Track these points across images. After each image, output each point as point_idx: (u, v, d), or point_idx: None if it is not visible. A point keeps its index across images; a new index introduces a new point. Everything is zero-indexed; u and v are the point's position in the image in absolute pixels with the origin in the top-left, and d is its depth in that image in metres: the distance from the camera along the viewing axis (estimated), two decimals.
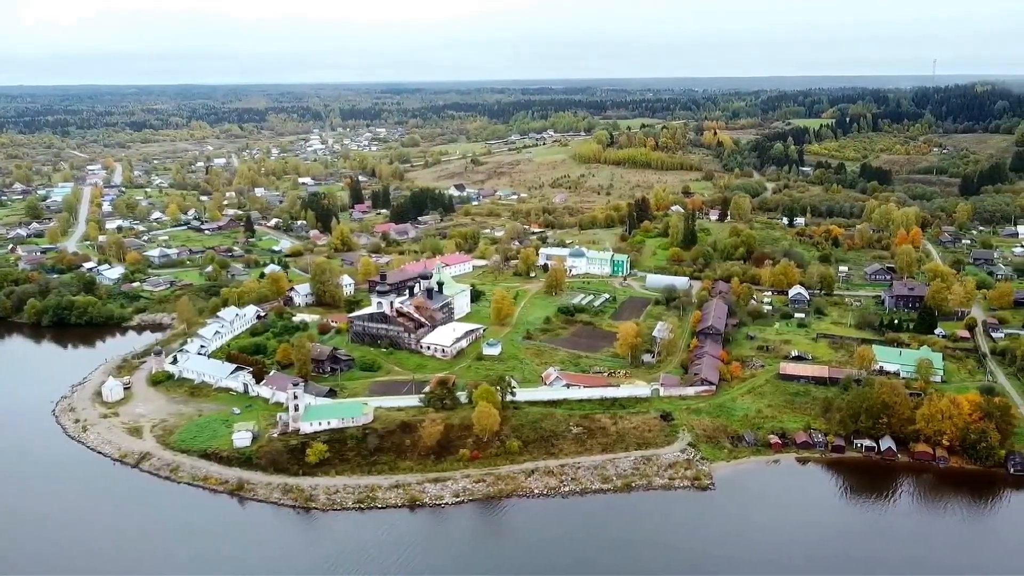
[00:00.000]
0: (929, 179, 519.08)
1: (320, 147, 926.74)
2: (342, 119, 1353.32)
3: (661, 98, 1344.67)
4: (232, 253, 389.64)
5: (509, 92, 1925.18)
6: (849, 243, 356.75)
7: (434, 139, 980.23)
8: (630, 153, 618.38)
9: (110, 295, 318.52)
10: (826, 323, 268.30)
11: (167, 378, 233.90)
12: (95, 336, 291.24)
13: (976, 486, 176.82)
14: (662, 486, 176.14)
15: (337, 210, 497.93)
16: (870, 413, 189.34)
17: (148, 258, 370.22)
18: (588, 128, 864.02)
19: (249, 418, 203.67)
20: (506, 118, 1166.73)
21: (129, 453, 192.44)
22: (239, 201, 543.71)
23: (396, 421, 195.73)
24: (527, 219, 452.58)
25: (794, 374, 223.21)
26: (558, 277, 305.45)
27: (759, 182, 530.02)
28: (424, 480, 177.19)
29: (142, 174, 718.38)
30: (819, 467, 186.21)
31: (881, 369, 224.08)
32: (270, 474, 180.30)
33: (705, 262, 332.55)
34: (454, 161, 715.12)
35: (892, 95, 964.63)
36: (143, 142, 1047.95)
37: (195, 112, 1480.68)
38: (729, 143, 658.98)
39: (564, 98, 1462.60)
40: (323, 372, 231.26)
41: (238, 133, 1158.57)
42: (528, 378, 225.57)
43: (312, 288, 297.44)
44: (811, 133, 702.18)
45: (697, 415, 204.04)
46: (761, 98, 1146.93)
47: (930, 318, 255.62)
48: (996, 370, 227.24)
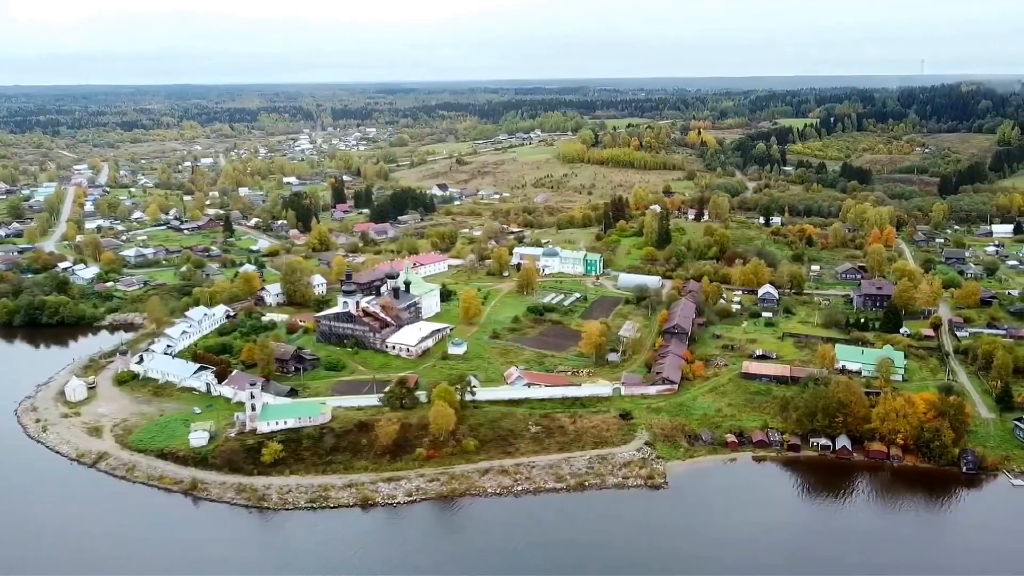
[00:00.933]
0: (910, 178, 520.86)
1: (308, 147, 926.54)
2: (333, 119, 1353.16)
3: (651, 98, 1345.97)
4: (209, 253, 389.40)
5: (503, 92, 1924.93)
6: (823, 242, 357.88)
7: (423, 139, 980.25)
8: (613, 153, 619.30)
9: (83, 295, 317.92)
10: (794, 322, 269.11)
11: (132, 378, 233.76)
12: (67, 336, 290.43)
13: (929, 484, 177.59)
14: (615, 485, 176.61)
15: (318, 210, 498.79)
16: (826, 412, 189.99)
17: (124, 258, 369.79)
18: (575, 128, 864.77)
19: (208, 418, 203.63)
20: (496, 118, 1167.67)
21: (87, 453, 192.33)
22: (222, 201, 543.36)
23: (354, 421, 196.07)
24: (506, 219, 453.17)
25: (756, 373, 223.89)
26: (529, 276, 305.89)
27: (740, 182, 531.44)
28: (378, 480, 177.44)
29: (128, 174, 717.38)
30: (775, 466, 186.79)
31: (843, 368, 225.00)
32: (225, 474, 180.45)
33: (678, 261, 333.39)
34: (440, 161, 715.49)
35: (878, 95, 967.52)
36: (132, 142, 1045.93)
37: (187, 112, 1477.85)
38: (713, 143, 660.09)
39: (555, 98, 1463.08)
40: (287, 372, 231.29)
41: (228, 133, 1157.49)
42: (491, 377, 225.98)
43: (283, 288, 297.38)
44: (795, 133, 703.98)
45: (657, 414, 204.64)
46: (750, 98, 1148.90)
47: (895, 317, 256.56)
48: (958, 369, 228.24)
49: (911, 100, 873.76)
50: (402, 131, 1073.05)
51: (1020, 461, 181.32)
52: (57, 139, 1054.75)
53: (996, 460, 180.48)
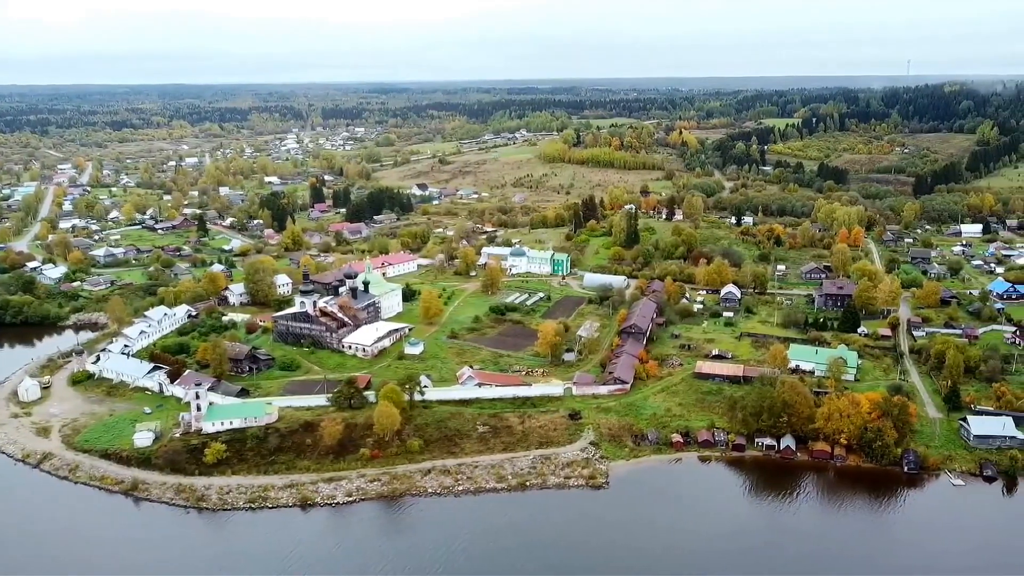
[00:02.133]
0: (886, 178, 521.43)
1: (294, 146, 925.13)
2: (323, 118, 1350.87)
3: (639, 98, 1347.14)
4: (180, 252, 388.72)
5: (495, 92, 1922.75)
6: (791, 242, 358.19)
7: (410, 138, 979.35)
8: (594, 153, 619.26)
9: (49, 294, 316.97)
10: (753, 322, 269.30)
11: (87, 378, 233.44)
12: (31, 335, 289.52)
13: (870, 484, 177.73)
14: (556, 485, 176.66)
15: (296, 209, 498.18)
16: (771, 412, 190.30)
17: (93, 258, 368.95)
18: (561, 128, 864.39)
19: (157, 418, 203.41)
20: (485, 118, 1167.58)
21: (32, 453, 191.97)
22: (201, 200, 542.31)
23: (300, 421, 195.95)
24: (481, 218, 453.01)
25: (709, 373, 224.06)
26: (494, 276, 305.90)
27: (717, 181, 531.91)
28: (319, 480, 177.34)
29: (111, 173, 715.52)
30: (719, 466, 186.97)
31: (797, 368, 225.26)
32: (166, 474, 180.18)
33: (645, 261, 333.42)
34: (423, 161, 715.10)
35: (863, 95, 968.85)
36: (120, 141, 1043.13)
37: (178, 112, 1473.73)
38: (694, 143, 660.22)
39: (545, 98, 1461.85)
40: (241, 372, 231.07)
41: (217, 132, 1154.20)
42: (445, 377, 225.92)
43: (246, 288, 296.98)
44: (776, 133, 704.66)
45: (606, 414, 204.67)
46: (738, 98, 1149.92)
47: (853, 317, 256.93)
48: (911, 368, 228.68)
49: (895, 100, 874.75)
50: (390, 131, 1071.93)
51: (963, 461, 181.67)
52: (45, 139, 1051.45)
53: (938, 460, 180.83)
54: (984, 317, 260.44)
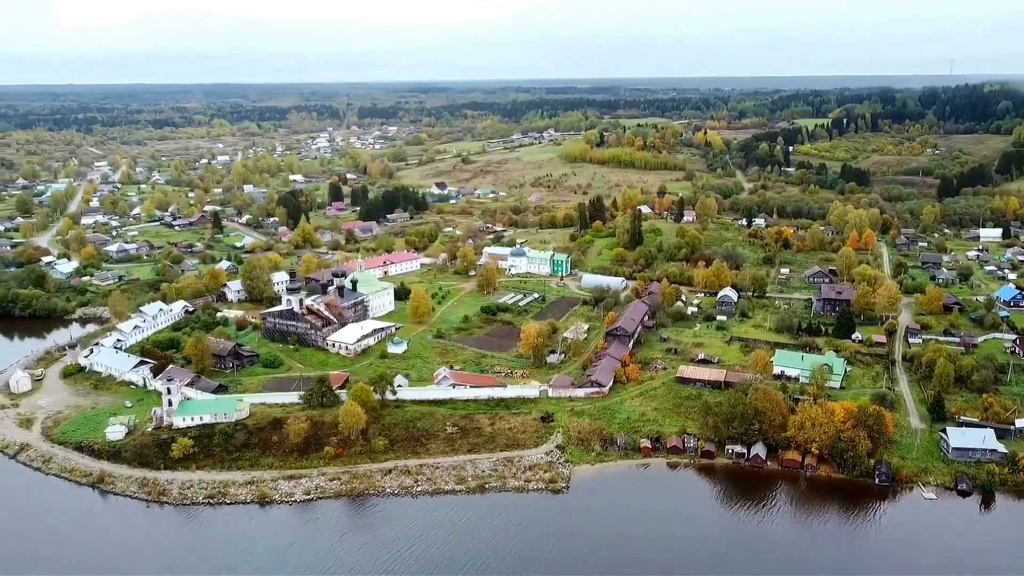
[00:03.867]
0: (912, 180, 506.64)
1: (325, 145, 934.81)
2: (359, 117, 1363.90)
3: (675, 98, 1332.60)
4: (192, 249, 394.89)
5: (534, 91, 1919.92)
6: (800, 245, 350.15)
7: (441, 138, 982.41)
8: (615, 153, 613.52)
9: (59, 289, 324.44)
10: (747, 326, 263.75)
11: (78, 371, 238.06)
12: (39, 328, 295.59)
13: (839, 495, 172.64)
14: (516, 488, 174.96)
15: (313, 207, 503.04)
16: (743, 419, 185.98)
17: (107, 253, 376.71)
18: (590, 128, 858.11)
19: (137, 412, 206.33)
20: (518, 117, 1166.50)
21: (11, 444, 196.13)
22: (225, 198, 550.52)
23: (269, 418, 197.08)
24: (493, 218, 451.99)
25: (691, 377, 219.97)
26: (490, 276, 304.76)
27: (737, 183, 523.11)
28: (279, 477, 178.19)
29: (144, 171, 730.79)
30: (687, 472, 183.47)
31: (782, 374, 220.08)
32: (133, 468, 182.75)
33: (647, 262, 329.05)
34: (447, 160, 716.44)
35: (899, 95, 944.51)
36: (160, 140, 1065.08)
37: (220, 111, 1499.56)
38: (719, 143, 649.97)
39: (580, 97, 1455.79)
40: (225, 368, 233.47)
41: (254, 131, 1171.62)
42: (424, 376, 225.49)
43: (243, 285, 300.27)
44: (804, 133, 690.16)
45: (579, 417, 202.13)
46: (772, 98, 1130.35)
47: (848, 322, 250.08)
48: (901, 377, 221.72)
49: (932, 100, 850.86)
50: (424, 129, 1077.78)
51: (938, 474, 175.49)
52: (88, 136, 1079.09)
53: (911, 472, 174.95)
54: (986, 325, 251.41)
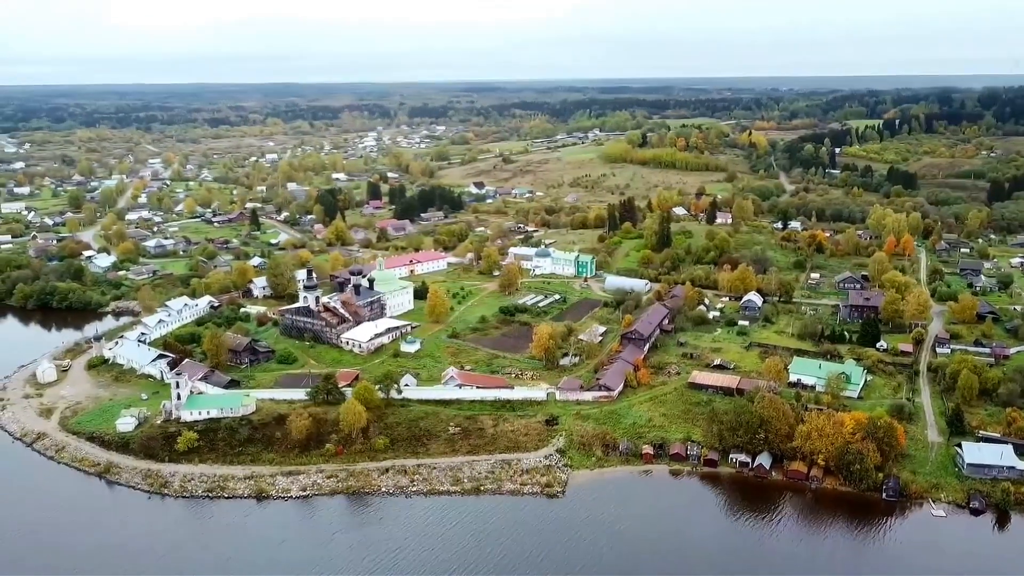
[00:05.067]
0: (963, 184, 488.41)
1: (372, 144, 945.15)
2: (409, 117, 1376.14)
3: (728, 98, 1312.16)
4: (228, 245, 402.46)
5: (586, 91, 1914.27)
6: (834, 249, 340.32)
7: (487, 137, 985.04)
8: (656, 153, 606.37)
9: (96, 282, 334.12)
10: (769, 332, 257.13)
11: (102, 363, 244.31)
12: (74, 320, 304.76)
13: (844, 509, 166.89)
14: (511, 491, 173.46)
15: (351, 205, 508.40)
16: (748, 427, 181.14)
17: (145, 248, 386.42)
18: (636, 127, 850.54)
19: (151, 404, 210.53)
20: (566, 117, 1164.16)
21: (29, 433, 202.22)
22: (266, 195, 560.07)
23: (274, 414, 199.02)
24: (526, 218, 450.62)
25: (703, 383, 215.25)
26: (511, 276, 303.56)
27: (778, 184, 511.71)
28: (278, 473, 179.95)
29: (194, 168, 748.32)
30: (688, 480, 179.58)
31: (798, 382, 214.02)
32: (139, 459, 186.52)
33: (673, 265, 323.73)
34: (488, 160, 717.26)
35: (957, 95, 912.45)
36: (215, 138, 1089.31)
37: (276, 110, 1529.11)
38: (763, 144, 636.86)
39: (631, 97, 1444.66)
40: (240, 363, 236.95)
41: (306, 130, 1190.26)
42: (435, 376, 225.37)
43: (268, 281, 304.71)
44: (854, 134, 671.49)
45: (584, 421, 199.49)
46: (826, 98, 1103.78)
47: (873, 330, 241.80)
48: (924, 388, 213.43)
49: (992, 101, 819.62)
50: (471, 129, 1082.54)
51: (951, 490, 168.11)
52: (147, 134, 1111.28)
53: (922, 488, 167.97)
54: (1021, 336, 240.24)
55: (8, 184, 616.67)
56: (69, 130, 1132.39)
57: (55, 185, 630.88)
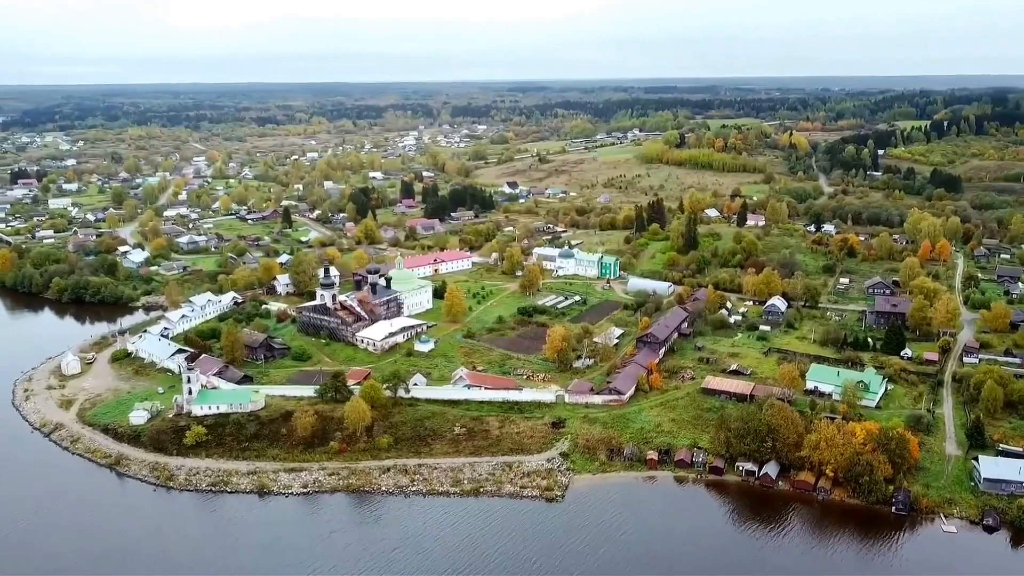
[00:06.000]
0: (1011, 187, 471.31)
1: (412, 143, 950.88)
2: (452, 116, 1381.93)
3: (775, 98, 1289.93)
4: (259, 242, 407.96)
5: (631, 91, 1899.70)
6: (866, 253, 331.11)
7: (527, 137, 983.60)
8: (692, 154, 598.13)
9: (128, 277, 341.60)
10: (791, 337, 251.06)
11: (125, 356, 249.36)
12: (106, 314, 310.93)
13: (852, 522, 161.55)
14: (510, 494, 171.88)
15: (384, 204, 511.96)
16: (756, 435, 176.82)
17: (178, 244, 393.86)
18: (677, 128, 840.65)
19: (166, 397, 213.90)
20: (608, 117, 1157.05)
21: (47, 423, 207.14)
22: (302, 193, 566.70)
23: (282, 410, 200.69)
24: (556, 218, 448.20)
25: (716, 389, 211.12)
26: (532, 277, 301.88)
27: (816, 187, 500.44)
28: (281, 469, 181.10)
29: (236, 166, 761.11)
30: (692, 488, 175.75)
31: (815, 389, 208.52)
32: (148, 452, 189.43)
33: (698, 268, 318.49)
34: (524, 159, 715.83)
35: (1013, 96, 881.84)
36: (260, 136, 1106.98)
37: (321, 109, 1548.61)
38: (804, 145, 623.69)
39: (674, 97, 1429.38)
40: (256, 359, 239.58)
41: (350, 129, 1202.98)
42: (446, 376, 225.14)
43: (291, 278, 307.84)
44: (898, 136, 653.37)
45: (591, 424, 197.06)
46: (875, 98, 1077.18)
47: (898, 337, 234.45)
48: (947, 398, 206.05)
49: None
50: (511, 128, 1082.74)
51: (965, 506, 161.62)
52: (195, 133, 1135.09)
53: (934, 502, 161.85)
54: None
55: (58, 180, 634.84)
56: (121, 128, 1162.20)
57: (101, 182, 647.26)
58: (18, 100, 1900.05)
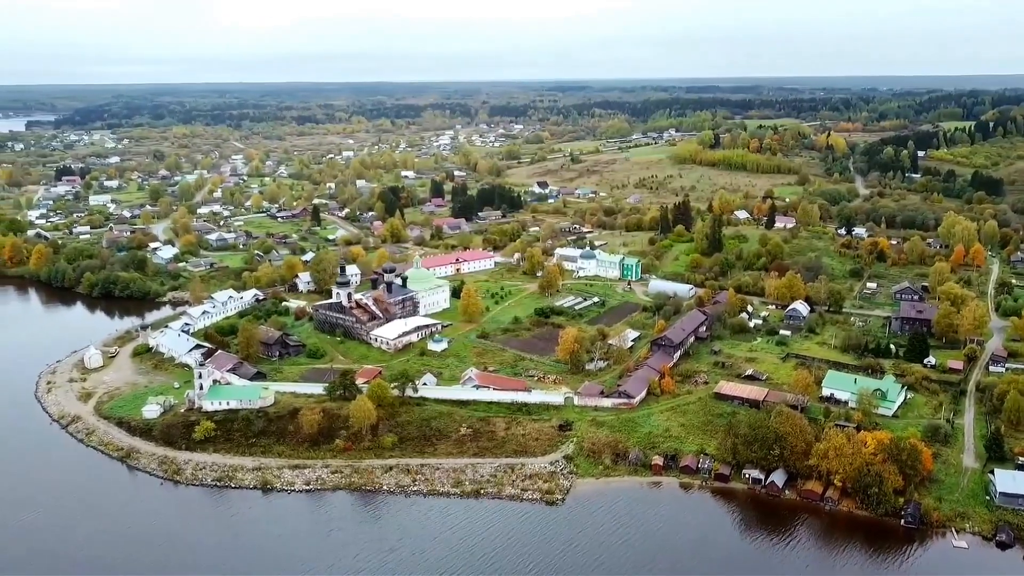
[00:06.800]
0: None
1: (447, 142, 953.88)
2: (490, 115, 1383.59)
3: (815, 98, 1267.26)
4: (286, 240, 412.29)
5: (673, 91, 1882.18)
6: (897, 258, 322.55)
7: (563, 136, 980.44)
8: (726, 155, 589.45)
9: (156, 273, 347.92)
10: (811, 343, 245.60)
11: (146, 351, 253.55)
12: (134, 309, 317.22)
13: (859, 534, 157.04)
14: (510, 496, 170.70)
15: (413, 203, 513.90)
16: (763, 443, 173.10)
17: (207, 241, 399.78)
18: (714, 128, 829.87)
19: (182, 392, 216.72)
20: (646, 116, 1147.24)
21: (65, 415, 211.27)
22: (334, 192, 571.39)
23: (290, 407, 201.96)
24: (583, 219, 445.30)
25: (729, 394, 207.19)
26: (551, 278, 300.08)
27: (851, 189, 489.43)
28: (285, 466, 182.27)
29: (273, 164, 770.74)
30: (697, 495, 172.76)
31: (831, 396, 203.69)
32: (159, 446, 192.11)
33: (721, 270, 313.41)
34: (557, 159, 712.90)
35: None
36: (299, 135, 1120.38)
37: (361, 108, 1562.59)
38: (842, 146, 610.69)
39: (714, 97, 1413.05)
40: (271, 356, 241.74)
41: (388, 128, 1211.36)
42: (457, 376, 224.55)
43: (312, 276, 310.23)
44: (941, 137, 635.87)
45: (599, 428, 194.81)
46: (921, 99, 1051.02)
47: (922, 344, 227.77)
48: (969, 408, 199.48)
49: None
50: (548, 128, 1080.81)
51: (978, 521, 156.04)
52: (236, 131, 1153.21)
53: (944, 516, 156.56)
54: None
55: (100, 178, 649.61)
56: (166, 127, 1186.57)
57: (141, 179, 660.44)
58: (72, 99, 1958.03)
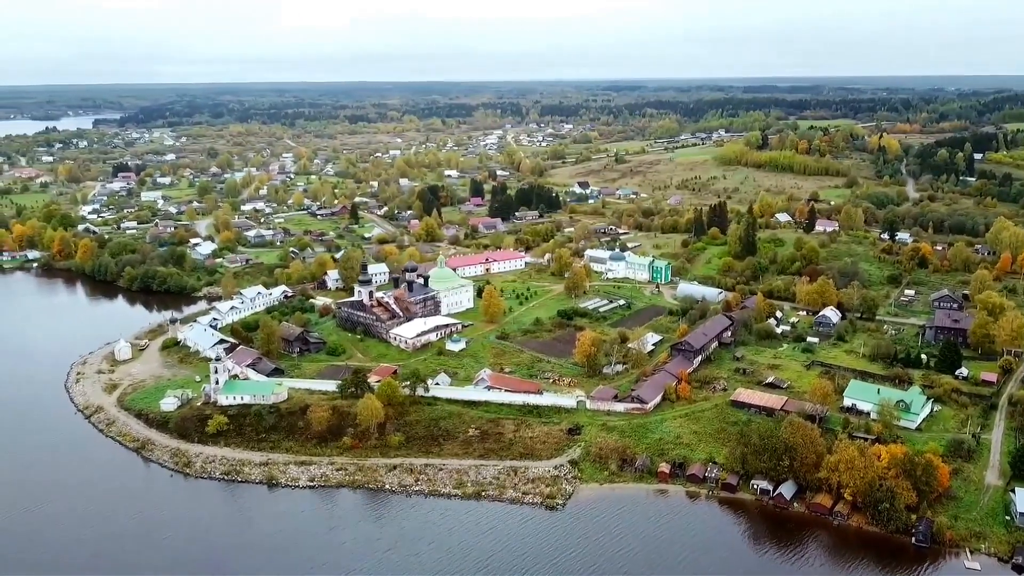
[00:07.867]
0: None
1: (494, 142, 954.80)
2: (540, 115, 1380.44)
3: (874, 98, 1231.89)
4: (323, 237, 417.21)
5: (729, 91, 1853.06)
6: (939, 264, 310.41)
7: (612, 136, 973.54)
8: (773, 156, 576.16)
9: (194, 268, 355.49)
10: (839, 351, 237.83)
11: (174, 344, 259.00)
12: (172, 303, 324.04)
13: (867, 551, 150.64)
14: (511, 499, 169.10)
15: (453, 202, 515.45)
16: (773, 453, 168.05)
17: (246, 237, 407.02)
18: (764, 129, 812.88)
19: (199, 386, 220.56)
20: (698, 117, 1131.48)
21: (89, 406, 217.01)
22: (376, 190, 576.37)
23: (301, 403, 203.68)
24: (620, 220, 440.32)
25: (745, 402, 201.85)
26: (578, 279, 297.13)
27: (901, 192, 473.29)
28: (292, 462, 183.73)
29: (320, 163, 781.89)
30: (701, 504, 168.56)
31: (853, 407, 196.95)
32: (173, 438, 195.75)
33: (754, 274, 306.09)
34: (601, 159, 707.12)
35: None
36: (350, 134, 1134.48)
37: (414, 107, 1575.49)
38: (895, 148, 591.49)
39: (770, 97, 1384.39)
40: (292, 352, 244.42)
41: (438, 127, 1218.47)
42: (471, 376, 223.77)
43: (340, 273, 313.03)
44: (1000, 139, 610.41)
45: (608, 433, 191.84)
46: (985, 99, 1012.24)
47: (954, 355, 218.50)
48: (999, 423, 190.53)
49: None
50: (597, 128, 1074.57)
51: (995, 541, 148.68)
52: (290, 130, 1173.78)
53: (958, 535, 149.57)
54: None
55: (154, 174, 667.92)
56: (224, 125, 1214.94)
57: (193, 176, 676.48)
58: (138, 98, 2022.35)
